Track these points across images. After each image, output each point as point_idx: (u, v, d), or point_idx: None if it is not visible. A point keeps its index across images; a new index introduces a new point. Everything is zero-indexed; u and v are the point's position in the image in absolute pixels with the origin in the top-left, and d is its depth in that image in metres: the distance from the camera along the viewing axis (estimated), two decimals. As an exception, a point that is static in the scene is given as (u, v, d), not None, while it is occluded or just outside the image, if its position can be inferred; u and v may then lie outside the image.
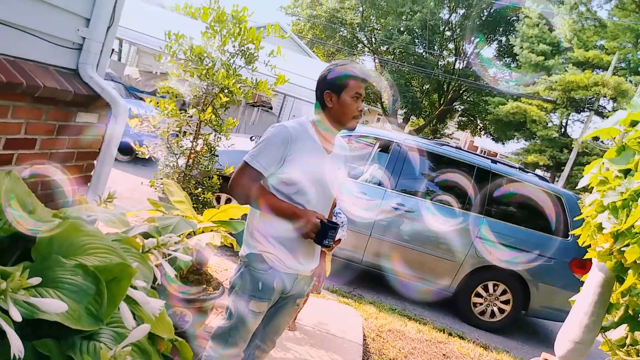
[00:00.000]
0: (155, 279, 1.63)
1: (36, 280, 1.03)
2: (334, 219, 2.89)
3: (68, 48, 2.24)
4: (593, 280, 2.70)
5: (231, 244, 3.01)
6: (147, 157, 3.69)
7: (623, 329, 2.63)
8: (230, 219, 3.10)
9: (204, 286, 2.99)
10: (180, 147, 3.71)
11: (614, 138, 2.66)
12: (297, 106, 15.71)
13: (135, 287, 1.30)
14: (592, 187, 2.68)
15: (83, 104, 2.31)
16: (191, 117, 3.64)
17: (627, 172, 2.52)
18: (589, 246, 2.79)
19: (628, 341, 2.91)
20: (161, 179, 3.58)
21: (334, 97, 1.94)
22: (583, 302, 2.70)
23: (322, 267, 2.19)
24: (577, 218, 3.09)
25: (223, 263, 4.43)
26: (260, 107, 11.83)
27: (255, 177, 1.88)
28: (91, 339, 1.22)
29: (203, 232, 2.98)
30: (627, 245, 2.30)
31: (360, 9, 28.38)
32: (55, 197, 2.30)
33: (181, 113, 3.67)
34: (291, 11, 31.35)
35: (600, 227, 2.53)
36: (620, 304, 2.76)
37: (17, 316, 0.96)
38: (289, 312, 2.12)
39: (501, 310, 5.14)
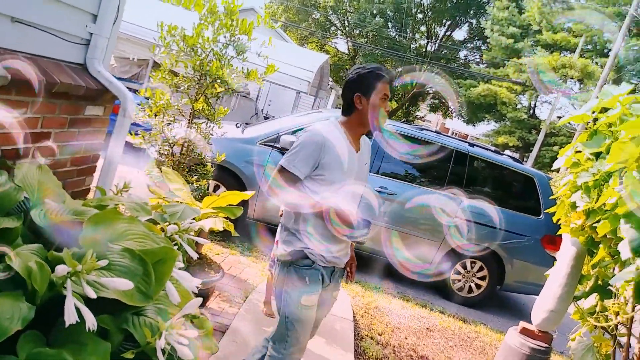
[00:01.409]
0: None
1: (104, 262, 1.17)
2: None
3: (77, 44, 2.32)
4: (566, 254, 2.95)
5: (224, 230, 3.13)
6: (142, 147, 3.78)
7: (593, 298, 2.89)
8: (229, 205, 3.24)
9: (206, 269, 3.14)
10: (174, 136, 3.80)
11: (587, 123, 2.90)
12: (274, 91, 15.74)
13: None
14: (561, 168, 2.92)
15: (91, 97, 2.41)
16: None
17: (598, 155, 2.75)
18: (560, 224, 3.04)
19: (597, 309, 3.19)
20: (158, 166, 3.68)
21: (364, 99, 2.05)
22: (557, 275, 2.96)
23: (353, 257, 2.32)
24: (552, 197, 3.32)
25: (214, 248, 4.57)
26: (238, 94, 11.84)
27: (291, 180, 2.01)
28: (139, 314, 1.37)
29: (203, 218, 3.11)
30: (598, 221, 2.54)
31: (333, -9, 28.32)
32: (67, 187, 2.41)
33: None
34: (264, -7, 31.04)
35: (574, 206, 2.77)
36: (591, 275, 3.02)
37: (92, 294, 1.10)
38: (327, 305, 2.25)
39: (478, 286, 5.44)
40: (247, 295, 3.70)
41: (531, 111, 24.43)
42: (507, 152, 24.48)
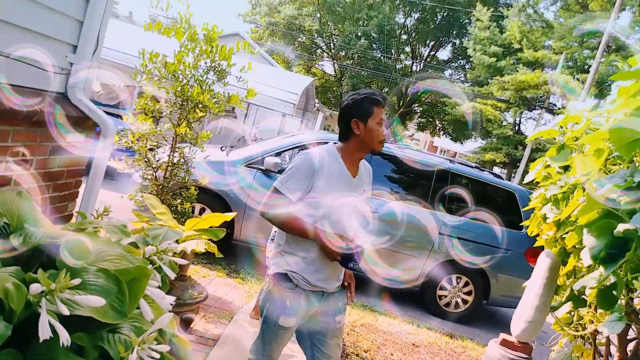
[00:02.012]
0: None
1: (77, 281, 1.23)
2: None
3: (58, 74, 2.40)
4: (541, 265, 3.03)
5: (207, 251, 3.18)
6: (125, 172, 3.83)
7: (567, 307, 2.96)
8: (211, 226, 3.29)
9: (190, 290, 3.17)
10: (157, 160, 3.87)
11: (554, 138, 3.00)
12: (261, 114, 15.89)
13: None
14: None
15: (73, 125, 2.47)
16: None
17: (566, 168, 2.85)
18: (538, 235, 3.13)
19: (575, 319, 3.27)
20: (141, 192, 3.73)
21: (361, 124, 2.10)
22: (533, 286, 3.03)
23: (350, 276, 2.31)
24: (524, 209, 3.41)
25: (201, 270, 4.60)
26: (225, 117, 11.98)
27: (283, 202, 2.04)
28: (115, 332, 1.42)
29: (186, 240, 3.16)
30: (568, 232, 2.63)
31: (318, 15, 28.79)
32: (50, 214, 2.46)
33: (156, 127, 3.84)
34: (249, 19, 31.49)
35: (545, 218, 2.86)
36: (566, 286, 3.10)
37: (65, 311, 1.15)
38: (335, 333, 2.22)
39: (464, 301, 5.49)
40: (232, 316, 3.73)
41: (516, 127, 24.79)
42: (495, 168, 24.80)
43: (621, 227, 1.88)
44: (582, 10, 24.30)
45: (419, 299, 5.68)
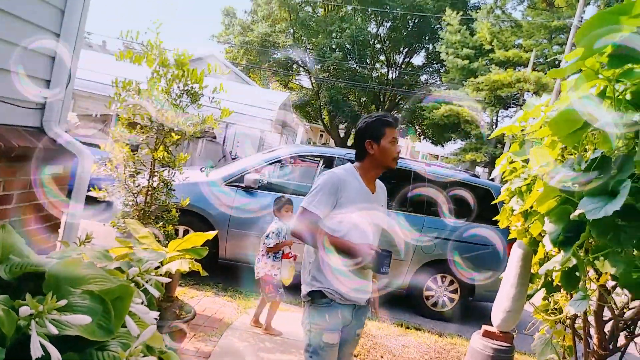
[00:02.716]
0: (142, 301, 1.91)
1: (63, 302, 1.31)
2: None
3: (32, 109, 2.48)
4: (514, 256, 3.16)
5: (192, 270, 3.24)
6: (104, 200, 3.89)
7: (543, 293, 3.09)
8: (194, 246, 3.36)
9: (177, 311, 3.24)
10: (137, 186, 3.94)
11: (515, 134, 3.15)
12: (240, 133, 15.97)
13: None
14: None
15: (50, 157, 2.55)
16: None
17: (529, 162, 3.00)
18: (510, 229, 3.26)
19: (552, 305, 3.39)
20: (122, 218, 3.80)
21: (375, 144, 2.26)
22: (509, 276, 3.15)
23: (375, 290, 2.43)
24: (493, 202, 3.54)
25: (189, 291, 4.65)
26: (204, 138, 12.04)
27: (312, 220, 2.16)
28: (103, 349, 1.50)
29: (170, 261, 3.23)
30: (534, 222, 2.76)
31: (291, 30, 29.09)
32: (34, 245, 2.52)
33: (134, 154, 3.91)
34: (223, 39, 31.69)
35: (512, 210, 3.00)
36: (539, 274, 3.23)
37: (54, 330, 1.24)
38: (353, 345, 2.37)
39: (451, 300, 5.60)
40: (221, 333, 3.79)
41: (494, 127, 25.20)
42: (477, 168, 25.13)
43: (576, 212, 2.01)
44: (548, 7, 24.97)
45: (407, 301, 5.78)
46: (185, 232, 5.15)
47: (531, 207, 2.68)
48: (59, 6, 2.43)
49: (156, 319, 1.61)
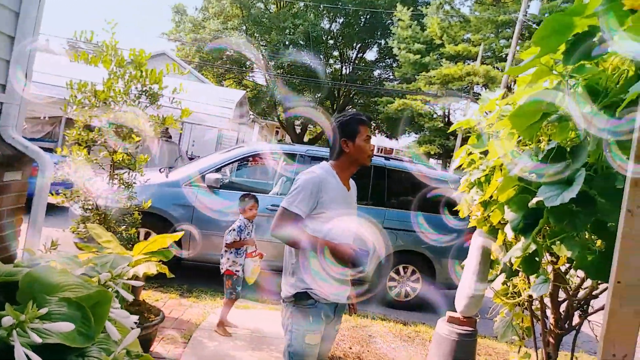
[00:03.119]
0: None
1: (44, 310, 1.29)
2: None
3: (-13, 114, 2.40)
4: (475, 244, 3.29)
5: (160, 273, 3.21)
6: (65, 205, 3.79)
7: (503, 278, 3.23)
8: (160, 248, 3.33)
9: (146, 314, 3.20)
10: (97, 189, 3.85)
11: (473, 127, 3.28)
12: (196, 131, 15.73)
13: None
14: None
15: (9, 163, 2.47)
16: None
17: (486, 153, 3.12)
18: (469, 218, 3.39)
19: (510, 289, 3.55)
20: (82, 223, 3.70)
21: (350, 143, 2.29)
22: (470, 263, 3.28)
23: (353, 291, 2.47)
24: (454, 194, 3.67)
25: (153, 294, 4.59)
26: (160, 139, 11.79)
27: (294, 220, 2.16)
28: (84, 355, 1.48)
29: (136, 264, 3.18)
30: (493, 211, 2.89)
31: (244, 27, 28.80)
32: (-6, 254, 2.44)
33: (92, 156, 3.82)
34: (174, 37, 31.03)
35: (472, 200, 3.12)
36: (498, 260, 3.37)
37: (37, 339, 1.22)
38: (331, 339, 2.41)
39: (413, 289, 5.75)
40: (190, 334, 3.76)
41: (446, 119, 25.84)
42: (430, 160, 25.70)
43: (534, 200, 2.13)
44: (494, 2, 25.77)
45: (371, 292, 5.89)
46: (147, 235, 5.06)
47: (490, 197, 2.80)
48: (13, 9, 2.35)
49: (135, 322, 1.61)
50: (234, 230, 4.04)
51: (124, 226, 3.87)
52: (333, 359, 3.80)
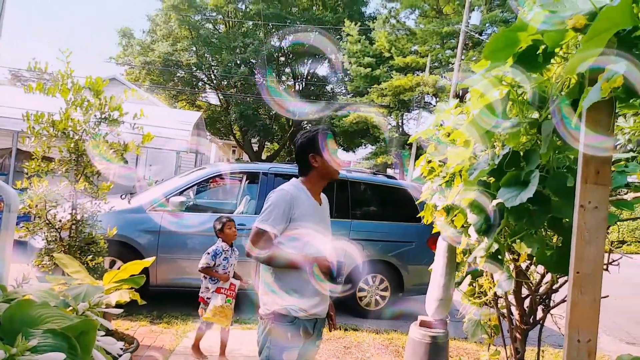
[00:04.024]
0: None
1: (34, 341, 1.30)
2: None
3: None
4: (440, 248, 3.42)
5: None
6: (27, 238, 3.70)
7: (469, 279, 3.37)
8: (131, 275, 3.30)
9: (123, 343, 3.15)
10: (59, 220, 3.78)
11: (431, 136, 3.42)
12: (152, 155, 15.46)
13: (98, 336, 1.58)
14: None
15: (-29, 200, 2.42)
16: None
17: (446, 161, 3.27)
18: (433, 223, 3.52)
19: (477, 289, 3.69)
20: (48, 254, 3.63)
21: (318, 157, 2.32)
22: (437, 267, 3.41)
23: (331, 305, 2.47)
24: (418, 202, 3.81)
25: (122, 324, 4.50)
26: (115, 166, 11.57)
27: (268, 239, 2.17)
28: (72, 386, 1.49)
29: (107, 293, 3.14)
30: (455, 215, 3.03)
31: (194, 48, 28.65)
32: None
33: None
34: (122, 60, 30.52)
35: (435, 206, 3.25)
36: (464, 262, 3.52)
37: (29, 372, 1.23)
38: (311, 356, 2.37)
39: (383, 298, 5.86)
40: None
41: (400, 129, 26.43)
42: (388, 170, 26.15)
43: (494, 202, 2.26)
44: (437, 15, 26.73)
45: (341, 304, 5.95)
46: (112, 263, 4.97)
47: (453, 202, 2.94)
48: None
49: (122, 348, 1.62)
50: (209, 253, 3.82)
51: (90, 255, 3.80)
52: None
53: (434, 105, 25.09)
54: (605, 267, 2.92)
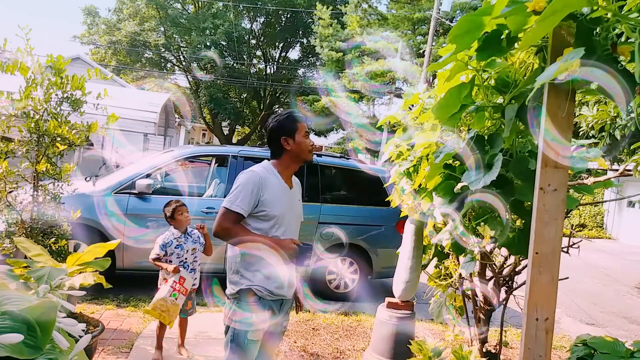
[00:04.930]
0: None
1: (-10, 324, 1.27)
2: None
3: None
4: (408, 231, 3.47)
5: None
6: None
7: (435, 262, 3.44)
8: (96, 258, 3.24)
9: (85, 326, 3.10)
10: (21, 202, 3.67)
11: (399, 121, 3.45)
12: (118, 137, 15.12)
13: (59, 318, 1.56)
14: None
15: None
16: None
17: (414, 145, 3.30)
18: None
19: (443, 271, 3.77)
20: (9, 237, 3.52)
21: (290, 140, 2.31)
22: (404, 250, 3.46)
23: (299, 288, 2.50)
24: (385, 185, 3.85)
25: (87, 307, 4.43)
26: (81, 148, 11.24)
27: (236, 220, 2.18)
28: (32, 368, 1.46)
29: (71, 276, 3.08)
30: (422, 198, 3.07)
31: (162, 29, 28.00)
32: None
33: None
34: (87, 40, 29.60)
35: (403, 190, 3.29)
36: (431, 245, 3.58)
37: (-15, 354, 1.20)
38: (279, 334, 2.42)
39: (352, 280, 5.93)
40: (132, 343, 3.69)
41: (372, 114, 26.52)
42: (360, 155, 26.29)
43: (459, 185, 2.30)
44: (409, 0, 26.76)
45: (311, 286, 6.00)
46: (77, 246, 4.86)
47: (420, 186, 2.98)
48: None
49: (84, 330, 1.59)
50: (157, 244, 3.54)
51: (53, 238, 3.71)
52: (278, 353, 3.87)
53: (404, 91, 25.27)
54: (565, 249, 3.02)
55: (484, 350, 3.58)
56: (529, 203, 2.10)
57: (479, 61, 1.85)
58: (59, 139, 3.63)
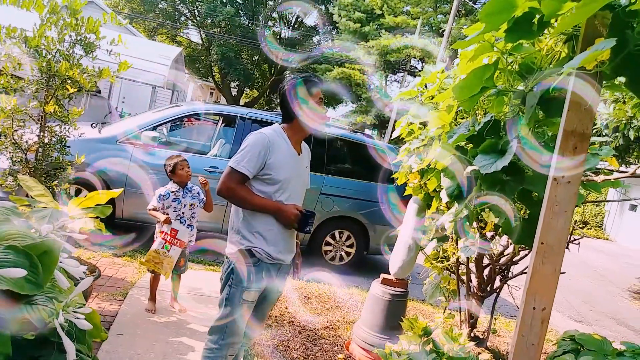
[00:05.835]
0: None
1: (-7, 257, 1.27)
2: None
3: None
4: (410, 210, 3.47)
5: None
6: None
7: (434, 244, 3.44)
8: (97, 204, 3.24)
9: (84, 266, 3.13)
10: (26, 141, 3.66)
11: (414, 98, 3.40)
12: (127, 87, 15.03)
13: (61, 259, 1.56)
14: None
15: None
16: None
17: (426, 124, 3.26)
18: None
19: (440, 254, 3.78)
20: (12, 175, 3.53)
21: (304, 105, 2.27)
22: (405, 229, 3.46)
23: (298, 253, 2.52)
24: (394, 162, 3.82)
25: (84, 253, 4.47)
26: (88, 93, 11.15)
27: (241, 180, 2.17)
28: (31, 304, 1.47)
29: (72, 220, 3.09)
30: (429, 179, 3.06)
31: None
32: None
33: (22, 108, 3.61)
34: (103, -16, 29.04)
35: (410, 168, 3.27)
36: (431, 226, 3.58)
37: (-13, 286, 1.20)
38: (273, 300, 2.43)
39: (348, 254, 5.97)
40: (126, 292, 3.73)
41: (383, 90, 26.27)
42: (366, 130, 26.17)
43: (469, 169, 2.28)
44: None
45: (306, 256, 6.04)
46: (78, 192, 4.89)
47: (428, 165, 2.96)
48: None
49: (84, 272, 1.60)
50: (155, 196, 3.58)
51: (56, 181, 3.72)
52: (269, 317, 3.92)
53: (420, 70, 24.96)
54: (566, 245, 3.02)
55: (472, 335, 3.63)
56: (537, 194, 2.09)
57: (506, 43, 1.80)
58: (69, 81, 3.59)
